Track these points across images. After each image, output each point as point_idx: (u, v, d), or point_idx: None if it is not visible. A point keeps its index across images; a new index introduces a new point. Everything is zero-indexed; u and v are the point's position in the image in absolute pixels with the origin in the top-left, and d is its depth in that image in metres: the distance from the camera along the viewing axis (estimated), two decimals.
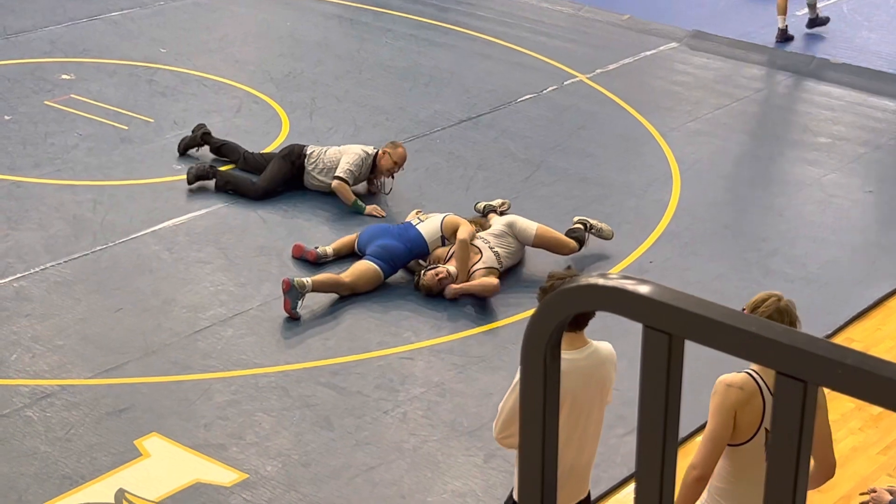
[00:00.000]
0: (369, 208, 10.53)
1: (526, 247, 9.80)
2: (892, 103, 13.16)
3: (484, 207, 10.38)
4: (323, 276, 9.27)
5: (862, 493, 6.76)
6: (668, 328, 1.54)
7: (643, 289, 1.54)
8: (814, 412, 1.47)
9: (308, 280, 9.05)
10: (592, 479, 6.29)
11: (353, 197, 10.53)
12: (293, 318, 8.98)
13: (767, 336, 1.44)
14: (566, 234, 9.85)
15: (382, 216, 10.47)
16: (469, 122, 12.32)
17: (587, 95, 13.04)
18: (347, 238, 9.88)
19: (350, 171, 10.52)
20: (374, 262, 9.42)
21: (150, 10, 14.84)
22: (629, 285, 1.55)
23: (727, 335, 1.49)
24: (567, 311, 1.59)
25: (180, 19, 14.62)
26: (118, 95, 12.47)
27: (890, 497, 6.49)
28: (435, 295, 9.33)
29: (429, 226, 9.73)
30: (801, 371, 1.44)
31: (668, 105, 12.89)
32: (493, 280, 9.36)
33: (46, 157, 11.19)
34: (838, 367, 1.39)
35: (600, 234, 10.05)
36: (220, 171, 10.74)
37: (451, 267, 9.35)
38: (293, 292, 8.93)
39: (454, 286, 9.32)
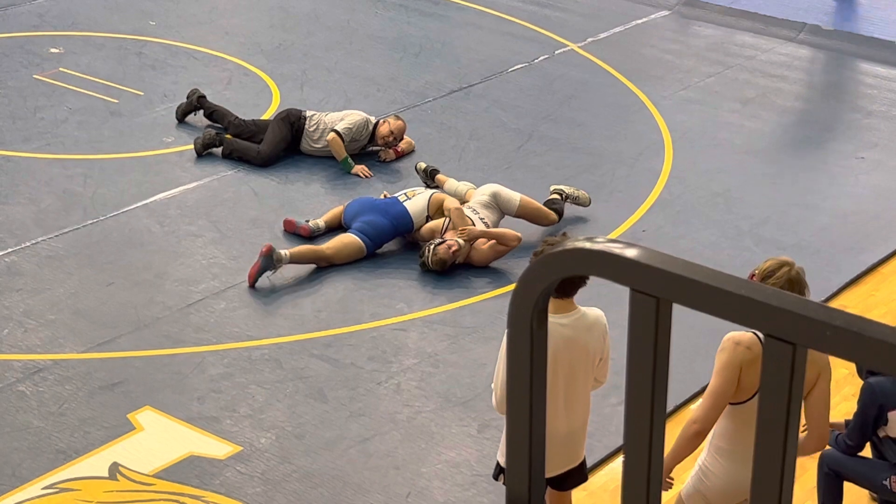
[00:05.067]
0: (357, 168, 10.61)
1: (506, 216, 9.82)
2: (884, 69, 13.13)
3: (427, 168, 10.41)
4: (302, 247, 9.29)
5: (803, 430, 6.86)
6: (656, 291, 1.52)
7: (630, 252, 1.52)
8: (803, 375, 1.46)
9: (286, 253, 9.04)
10: (587, 447, 6.30)
11: (345, 154, 10.65)
12: (249, 284, 8.94)
13: (756, 298, 1.42)
14: (545, 206, 9.88)
15: (369, 177, 10.53)
16: (460, 92, 12.28)
17: (578, 64, 13.00)
18: (337, 209, 9.87)
19: (349, 128, 10.69)
20: (359, 237, 9.43)
21: None
22: (616, 249, 1.53)
23: (715, 298, 1.47)
24: (553, 275, 1.58)
25: None
26: (107, 69, 12.41)
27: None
28: (447, 269, 9.28)
29: (416, 203, 9.69)
30: (790, 333, 1.42)
31: (659, 73, 12.85)
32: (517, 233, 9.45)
33: (36, 131, 11.15)
34: (827, 329, 1.37)
35: (577, 202, 10.07)
36: (226, 139, 10.76)
37: (460, 238, 9.32)
38: (268, 259, 8.92)
39: (476, 229, 9.32)
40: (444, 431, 7.70)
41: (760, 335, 5.39)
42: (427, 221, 9.67)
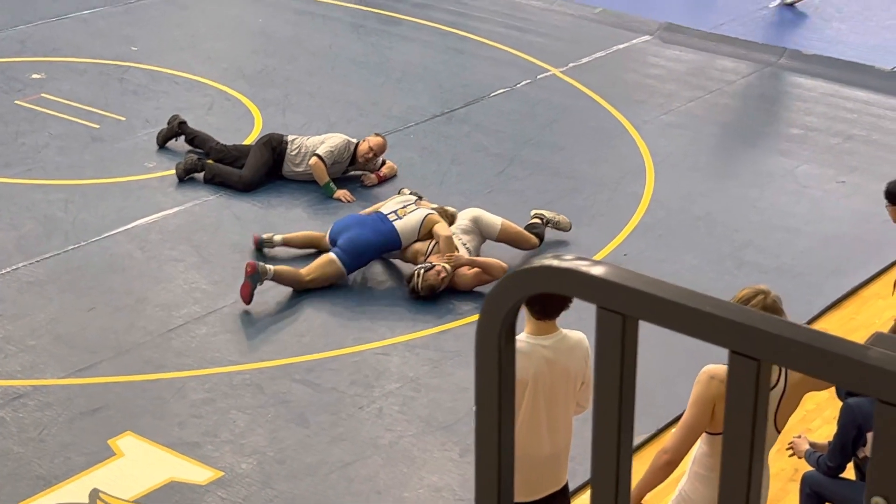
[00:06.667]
0: (339, 193, 10.63)
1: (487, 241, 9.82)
2: (864, 94, 13.20)
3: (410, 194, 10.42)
4: (285, 267, 9.28)
5: (788, 448, 6.92)
6: (622, 308, 1.52)
7: (596, 270, 1.53)
8: (767, 390, 1.46)
9: (271, 267, 9.06)
10: (570, 471, 6.29)
11: (327, 178, 10.67)
12: (245, 303, 8.95)
13: (721, 315, 1.43)
14: (525, 230, 9.90)
15: (351, 202, 10.54)
16: (442, 116, 12.31)
17: (560, 89, 13.04)
18: (309, 233, 9.82)
19: (330, 151, 10.70)
20: (338, 258, 9.39)
21: (120, 7, 14.77)
22: (582, 266, 1.53)
23: (680, 315, 1.48)
24: (521, 293, 1.58)
25: (151, 17, 14.55)
26: (89, 94, 12.41)
27: (807, 446, 6.74)
28: (436, 294, 9.26)
29: (406, 224, 9.62)
30: (755, 349, 1.43)
31: (640, 98, 12.89)
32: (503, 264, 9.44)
33: (17, 156, 11.13)
34: (792, 345, 1.38)
35: (558, 227, 10.10)
36: (208, 164, 10.76)
37: (446, 264, 9.30)
38: (255, 276, 8.93)
39: (462, 257, 9.31)
40: (426, 456, 7.68)
41: None
42: (415, 243, 9.63)
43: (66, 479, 7.32)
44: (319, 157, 10.65)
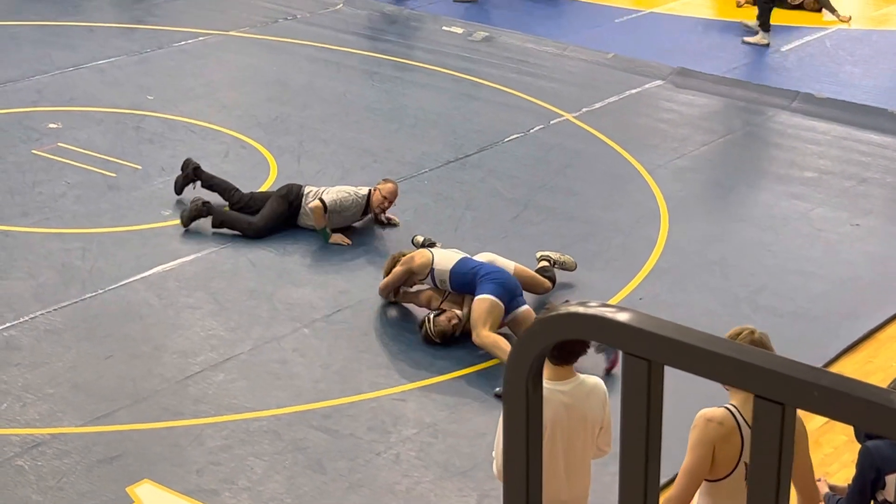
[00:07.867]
0: (335, 237, 10.71)
1: None
2: (877, 137, 13.23)
3: (424, 241, 10.42)
4: (492, 341, 9.03)
5: None
6: (648, 354, 1.55)
7: (622, 316, 1.56)
8: (793, 434, 1.48)
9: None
10: None
11: (324, 223, 10.69)
12: None
13: (745, 360, 1.45)
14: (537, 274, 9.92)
15: (348, 244, 10.64)
16: (456, 162, 12.36)
17: (573, 134, 13.10)
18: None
19: (334, 200, 10.71)
20: (497, 298, 9.19)
21: (136, 57, 14.89)
22: (609, 313, 1.56)
23: (706, 360, 1.50)
24: (548, 339, 1.61)
25: (166, 66, 14.67)
26: (105, 143, 12.49)
27: (827, 489, 6.72)
28: (447, 340, 9.26)
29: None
30: (779, 394, 1.45)
31: (654, 142, 12.94)
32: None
33: (34, 205, 11.20)
34: (815, 390, 1.40)
35: (564, 267, 10.13)
36: (214, 209, 10.78)
37: (458, 310, 9.31)
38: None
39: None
40: (444, 502, 7.68)
41: (733, 410, 5.43)
42: (432, 289, 9.59)
43: None
44: (323, 202, 10.67)
